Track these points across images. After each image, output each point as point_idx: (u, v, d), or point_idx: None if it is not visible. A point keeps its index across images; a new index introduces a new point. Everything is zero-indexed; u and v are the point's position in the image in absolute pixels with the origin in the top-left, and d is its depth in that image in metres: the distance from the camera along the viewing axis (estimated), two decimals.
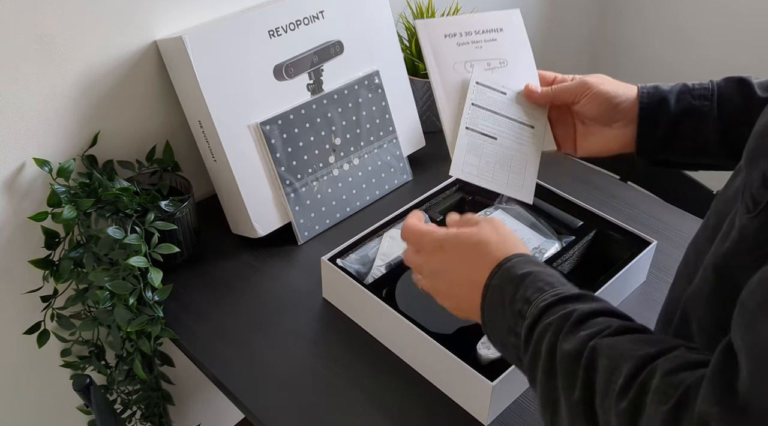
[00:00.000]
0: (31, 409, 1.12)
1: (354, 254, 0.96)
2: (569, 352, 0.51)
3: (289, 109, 1.04)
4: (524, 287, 0.58)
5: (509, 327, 0.58)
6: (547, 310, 0.55)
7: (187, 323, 0.95)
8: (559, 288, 0.57)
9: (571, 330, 0.52)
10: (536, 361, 0.55)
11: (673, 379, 0.45)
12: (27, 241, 0.98)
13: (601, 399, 0.48)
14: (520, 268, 0.60)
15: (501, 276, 0.60)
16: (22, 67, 0.88)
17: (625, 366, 0.48)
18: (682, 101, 0.74)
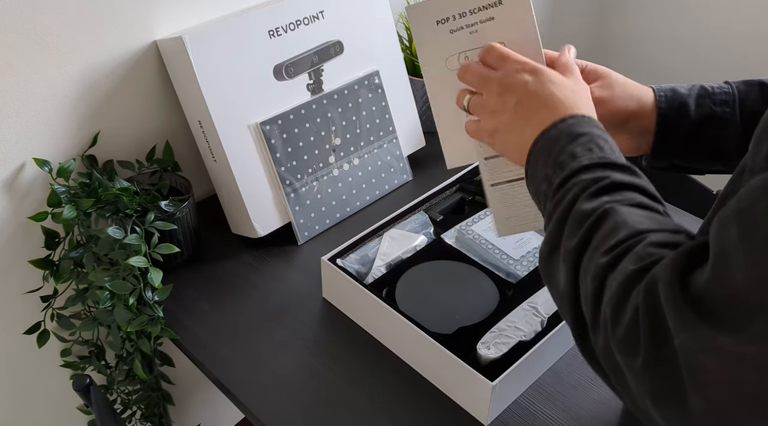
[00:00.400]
0: (31, 409, 1.12)
1: (354, 254, 0.96)
2: (585, 209, 0.53)
3: (289, 109, 1.04)
4: (575, 144, 0.58)
5: (546, 175, 0.59)
6: (586, 169, 0.56)
7: (187, 323, 0.95)
8: (607, 153, 0.57)
9: (596, 193, 0.54)
10: (556, 208, 0.56)
11: (653, 250, 0.47)
12: (27, 241, 0.98)
13: (591, 252, 0.51)
14: (580, 127, 0.60)
15: (561, 128, 0.60)
16: (22, 67, 0.88)
17: (622, 232, 0.50)
18: (702, 107, 0.71)
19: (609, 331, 0.47)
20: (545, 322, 0.86)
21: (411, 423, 0.82)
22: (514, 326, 0.85)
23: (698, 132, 0.72)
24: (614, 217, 0.52)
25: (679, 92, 0.73)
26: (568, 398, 0.85)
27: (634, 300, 0.45)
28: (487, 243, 0.98)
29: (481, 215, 1.03)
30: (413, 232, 1.00)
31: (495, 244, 0.98)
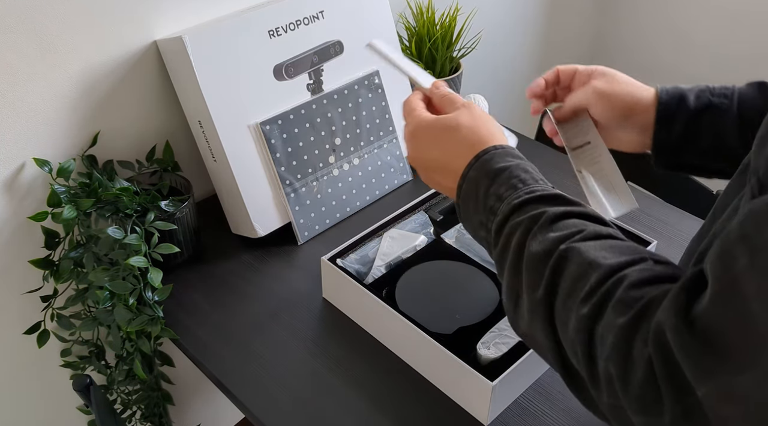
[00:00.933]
0: (31, 409, 1.12)
1: (354, 254, 0.96)
2: (536, 252, 0.52)
3: (289, 109, 1.04)
4: (498, 183, 0.58)
5: (481, 222, 0.59)
6: (518, 209, 0.55)
7: (187, 323, 0.95)
8: (532, 186, 0.57)
9: (540, 231, 0.53)
10: (504, 256, 0.55)
11: (636, 292, 0.46)
12: (27, 241, 0.98)
13: (563, 301, 0.49)
14: (496, 162, 0.59)
15: (477, 168, 0.60)
16: (22, 67, 0.88)
17: (593, 274, 0.48)
18: (701, 98, 0.72)
19: (618, 389, 0.45)
20: None
21: (411, 423, 0.82)
22: None
23: (697, 121, 0.72)
24: (575, 257, 0.50)
25: (680, 87, 0.74)
26: (568, 398, 0.84)
27: (640, 353, 0.44)
28: None
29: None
30: (413, 232, 1.00)
31: None
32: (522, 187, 0.57)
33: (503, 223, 0.56)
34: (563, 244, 0.51)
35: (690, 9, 1.84)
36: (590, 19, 1.99)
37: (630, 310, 0.45)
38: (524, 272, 0.53)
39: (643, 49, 1.98)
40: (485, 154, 0.60)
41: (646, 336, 0.44)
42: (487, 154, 0.60)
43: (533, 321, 0.52)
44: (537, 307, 0.51)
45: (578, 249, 0.50)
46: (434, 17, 1.26)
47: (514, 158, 0.60)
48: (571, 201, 0.56)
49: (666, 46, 1.93)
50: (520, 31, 1.77)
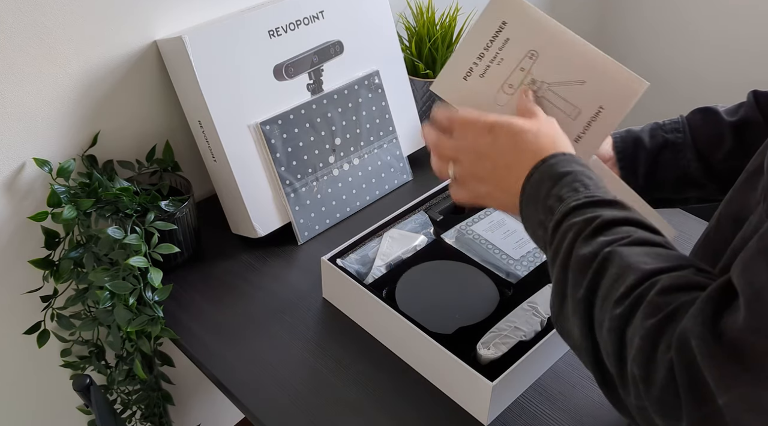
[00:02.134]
0: (31, 409, 1.12)
1: (354, 254, 0.96)
2: (584, 254, 0.53)
3: (289, 109, 1.04)
4: (560, 185, 0.59)
5: (540, 221, 0.60)
6: (575, 211, 0.56)
7: (187, 323, 0.95)
8: (592, 190, 0.58)
9: (592, 234, 0.54)
10: (556, 256, 0.56)
11: (667, 297, 0.47)
12: (27, 241, 0.98)
13: (601, 302, 0.51)
14: (561, 166, 0.60)
15: (543, 171, 0.61)
16: (22, 67, 0.88)
17: (630, 276, 0.49)
18: (656, 137, 0.77)
19: (642, 390, 0.46)
20: (545, 322, 0.86)
21: (411, 423, 0.82)
22: (514, 326, 0.85)
23: (657, 160, 0.77)
24: (617, 260, 0.51)
25: (632, 131, 0.79)
26: (568, 398, 0.85)
27: (663, 357, 0.44)
28: (487, 243, 0.98)
29: (481, 215, 1.03)
30: (413, 232, 1.00)
31: (495, 244, 0.98)
32: (583, 191, 0.58)
33: (560, 222, 0.57)
34: (608, 247, 0.52)
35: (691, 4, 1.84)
36: (591, 18, 1.99)
37: (658, 313, 0.46)
38: (570, 272, 0.54)
39: (644, 46, 1.98)
40: (552, 159, 0.62)
41: (670, 340, 0.44)
42: (554, 159, 0.61)
43: (573, 320, 0.53)
44: (577, 306, 0.52)
45: (621, 253, 0.51)
46: (434, 17, 1.26)
47: (579, 165, 0.61)
48: (627, 207, 0.57)
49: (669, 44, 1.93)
50: None
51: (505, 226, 1.01)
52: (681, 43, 1.90)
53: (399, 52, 1.18)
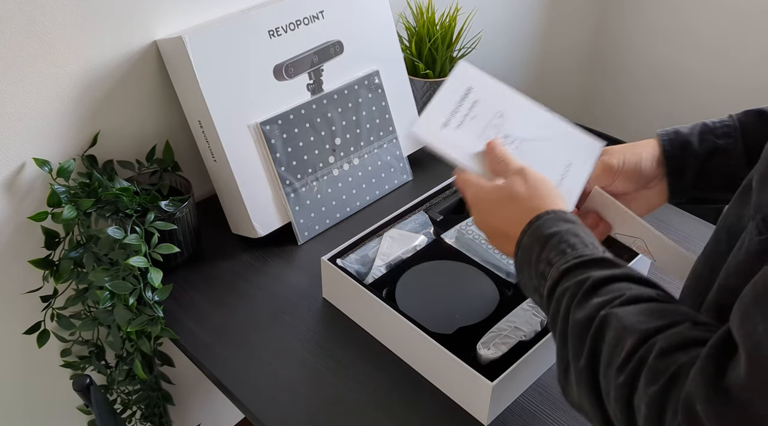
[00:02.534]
0: (31, 409, 1.12)
1: (354, 254, 0.96)
2: (579, 320, 0.53)
3: (289, 109, 1.04)
4: (549, 248, 0.59)
5: (534, 287, 0.60)
6: (566, 274, 0.56)
7: (187, 323, 0.95)
8: (580, 250, 0.58)
9: (585, 297, 0.54)
10: (554, 324, 0.56)
11: (666, 359, 0.46)
12: (27, 241, 0.98)
13: (604, 369, 0.50)
14: (547, 228, 0.60)
15: (530, 235, 0.61)
16: (22, 67, 0.88)
17: (629, 340, 0.48)
18: (705, 142, 0.73)
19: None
20: (545, 322, 0.86)
21: (411, 423, 0.82)
22: (514, 326, 0.85)
23: (706, 166, 0.73)
24: (613, 323, 0.50)
25: (681, 133, 0.75)
26: None
27: (672, 423, 0.44)
28: (486, 243, 0.98)
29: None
30: (413, 232, 1.00)
31: None
32: (570, 252, 0.58)
33: (553, 288, 0.57)
34: (603, 310, 0.52)
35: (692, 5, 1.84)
36: (591, 18, 1.99)
37: (660, 379, 0.45)
38: (569, 340, 0.54)
39: (643, 48, 1.98)
40: (537, 221, 0.62)
41: (676, 406, 0.43)
42: (540, 220, 0.62)
43: (580, 390, 0.52)
44: (581, 376, 0.52)
45: (616, 314, 0.51)
46: (434, 17, 1.26)
47: (565, 222, 0.61)
48: (616, 264, 0.56)
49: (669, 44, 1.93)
50: (520, 30, 1.77)
51: None
52: (681, 43, 1.90)
53: (399, 52, 1.18)
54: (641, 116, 2.06)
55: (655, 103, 2.02)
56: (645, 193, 0.77)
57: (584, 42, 2.03)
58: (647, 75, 2.00)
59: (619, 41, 2.02)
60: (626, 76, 2.06)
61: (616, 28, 2.01)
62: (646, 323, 0.49)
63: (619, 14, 1.98)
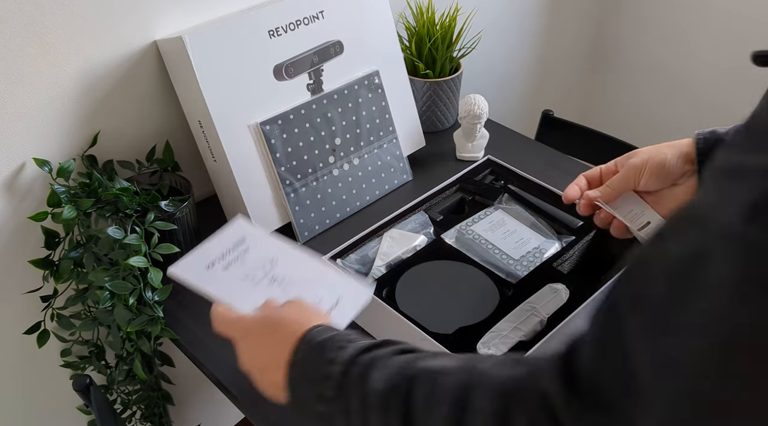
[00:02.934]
0: (31, 409, 1.12)
1: (354, 254, 0.96)
2: (381, 388, 0.50)
3: (289, 109, 1.04)
4: (326, 350, 0.56)
5: (318, 395, 0.55)
6: (351, 363, 0.54)
7: (187, 323, 0.95)
8: (360, 342, 0.56)
9: (378, 369, 0.52)
10: (350, 418, 0.52)
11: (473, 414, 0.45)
12: (27, 241, 0.98)
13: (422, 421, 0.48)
14: (320, 336, 0.58)
15: (303, 349, 0.58)
16: (22, 67, 0.88)
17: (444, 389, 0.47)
18: None
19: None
20: (545, 322, 0.86)
21: None
22: (514, 326, 0.85)
23: None
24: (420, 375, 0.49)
25: (717, 132, 0.76)
26: None
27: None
28: (487, 243, 0.98)
29: (481, 215, 1.03)
30: (413, 232, 1.00)
31: (495, 244, 0.98)
32: (350, 345, 0.55)
33: (340, 381, 0.53)
34: (406, 369, 0.50)
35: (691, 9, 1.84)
36: (591, 18, 1.99)
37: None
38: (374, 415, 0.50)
39: (643, 48, 1.98)
40: (307, 335, 0.58)
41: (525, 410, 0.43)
42: (309, 334, 0.58)
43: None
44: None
45: (424, 366, 0.50)
46: (434, 17, 1.26)
47: (336, 330, 0.59)
48: (400, 342, 0.56)
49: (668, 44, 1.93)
50: (520, 30, 1.77)
51: (505, 226, 1.01)
52: (681, 43, 1.90)
53: (399, 52, 1.18)
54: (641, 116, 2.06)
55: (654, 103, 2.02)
56: (674, 190, 0.79)
57: (584, 42, 2.03)
58: (647, 75, 2.00)
59: (619, 41, 2.02)
60: (626, 76, 2.06)
61: (616, 28, 2.01)
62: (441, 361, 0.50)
63: (619, 14, 1.98)
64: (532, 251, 0.97)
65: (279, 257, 0.76)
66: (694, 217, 0.36)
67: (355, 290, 0.77)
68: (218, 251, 0.77)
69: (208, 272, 0.76)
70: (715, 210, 0.34)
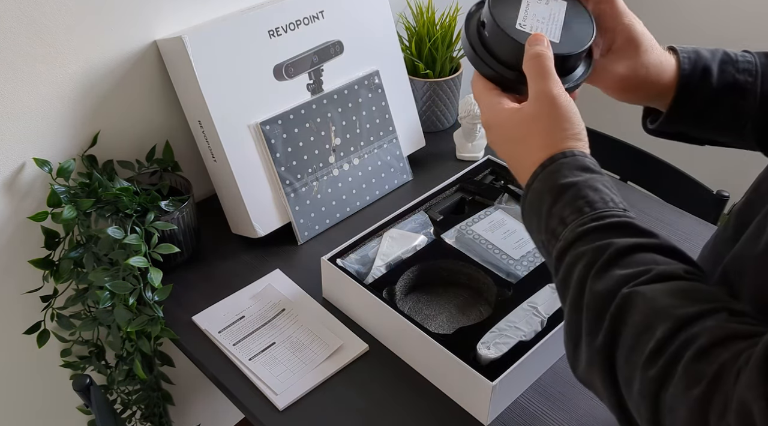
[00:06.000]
0: (31, 409, 1.12)
1: (354, 254, 0.96)
2: (598, 293, 0.47)
3: (289, 109, 1.04)
4: (563, 202, 0.52)
5: (543, 242, 0.54)
6: (582, 237, 0.50)
7: (188, 323, 0.95)
8: (600, 210, 0.51)
9: (605, 267, 0.48)
10: (565, 290, 0.51)
11: (706, 358, 0.41)
12: (27, 241, 0.98)
13: (626, 355, 0.45)
14: (563, 176, 0.53)
15: (543, 179, 0.54)
16: (22, 67, 0.88)
17: (660, 327, 0.44)
18: (725, 74, 0.66)
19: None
20: (545, 322, 0.86)
21: (411, 423, 0.82)
22: (514, 326, 0.85)
23: (718, 99, 0.66)
24: (640, 304, 0.45)
25: (702, 55, 0.68)
26: (568, 398, 0.85)
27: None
28: (487, 243, 0.98)
29: (481, 215, 1.03)
30: (413, 232, 1.00)
31: (495, 244, 0.98)
32: (588, 212, 0.51)
33: (565, 250, 0.51)
34: (627, 287, 0.46)
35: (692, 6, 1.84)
36: None
37: (702, 381, 0.41)
38: (584, 313, 0.48)
39: None
40: (552, 164, 0.54)
41: (721, 410, 0.40)
42: (554, 165, 0.54)
43: (592, 370, 0.48)
44: (596, 356, 0.47)
45: (643, 294, 0.45)
46: (434, 17, 1.26)
47: (583, 171, 0.54)
48: (642, 230, 0.50)
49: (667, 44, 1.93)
50: None
51: (505, 226, 1.01)
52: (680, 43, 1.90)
53: (399, 52, 1.18)
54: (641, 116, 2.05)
55: None
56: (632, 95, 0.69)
57: None
58: None
59: None
60: None
61: None
62: (678, 308, 0.44)
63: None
64: (532, 251, 0.97)
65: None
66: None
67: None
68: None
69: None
70: None
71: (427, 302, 0.95)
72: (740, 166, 1.50)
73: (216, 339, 0.91)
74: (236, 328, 0.92)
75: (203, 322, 0.93)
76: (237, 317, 0.94)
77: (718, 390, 0.40)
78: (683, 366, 0.42)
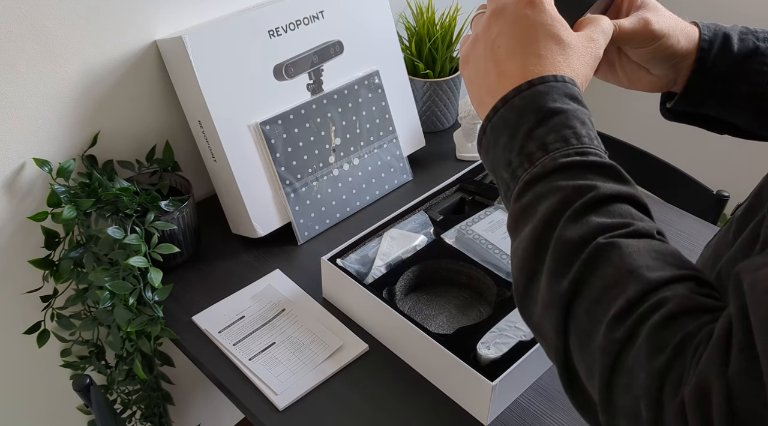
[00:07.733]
0: (31, 409, 1.12)
1: (354, 254, 0.96)
2: (572, 236, 0.45)
3: (289, 109, 1.04)
4: (547, 127, 0.48)
5: (509, 162, 0.49)
6: (563, 170, 0.47)
7: (188, 323, 0.95)
8: (587, 145, 0.48)
9: (582, 210, 0.45)
10: (527, 217, 0.47)
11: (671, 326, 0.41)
12: (27, 241, 0.98)
13: (588, 306, 0.44)
14: (553, 100, 0.49)
15: (527, 97, 0.49)
16: (22, 67, 0.88)
17: (632, 287, 0.42)
18: (745, 41, 0.64)
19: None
20: None
21: (411, 423, 0.82)
22: (514, 326, 0.85)
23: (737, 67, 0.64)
24: (614, 258, 0.43)
25: (721, 26, 0.66)
26: None
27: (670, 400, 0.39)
28: (487, 243, 0.98)
29: (481, 215, 1.03)
30: (413, 232, 1.00)
31: (495, 244, 0.98)
32: (575, 144, 0.47)
33: (540, 177, 0.47)
34: (603, 237, 0.44)
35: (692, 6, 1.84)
36: None
37: (665, 350, 0.40)
38: (550, 253, 0.45)
39: None
40: (541, 84, 0.49)
41: (676, 382, 0.39)
42: (544, 85, 0.49)
43: (545, 313, 0.46)
44: (555, 300, 0.45)
45: (619, 248, 0.43)
46: (434, 17, 1.26)
47: (572, 100, 0.49)
48: (624, 178, 0.48)
49: None
50: None
51: (505, 226, 1.01)
52: None
53: (399, 52, 1.18)
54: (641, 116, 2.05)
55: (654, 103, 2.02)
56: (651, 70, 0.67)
57: None
58: None
59: None
60: None
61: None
62: (652, 271, 0.43)
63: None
64: None
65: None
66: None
67: None
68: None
69: None
70: None
71: (427, 302, 0.95)
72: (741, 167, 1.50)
73: (216, 339, 0.91)
74: (236, 328, 0.92)
75: (203, 322, 0.93)
76: (237, 317, 0.94)
77: (676, 361, 0.40)
78: (648, 329, 0.41)
